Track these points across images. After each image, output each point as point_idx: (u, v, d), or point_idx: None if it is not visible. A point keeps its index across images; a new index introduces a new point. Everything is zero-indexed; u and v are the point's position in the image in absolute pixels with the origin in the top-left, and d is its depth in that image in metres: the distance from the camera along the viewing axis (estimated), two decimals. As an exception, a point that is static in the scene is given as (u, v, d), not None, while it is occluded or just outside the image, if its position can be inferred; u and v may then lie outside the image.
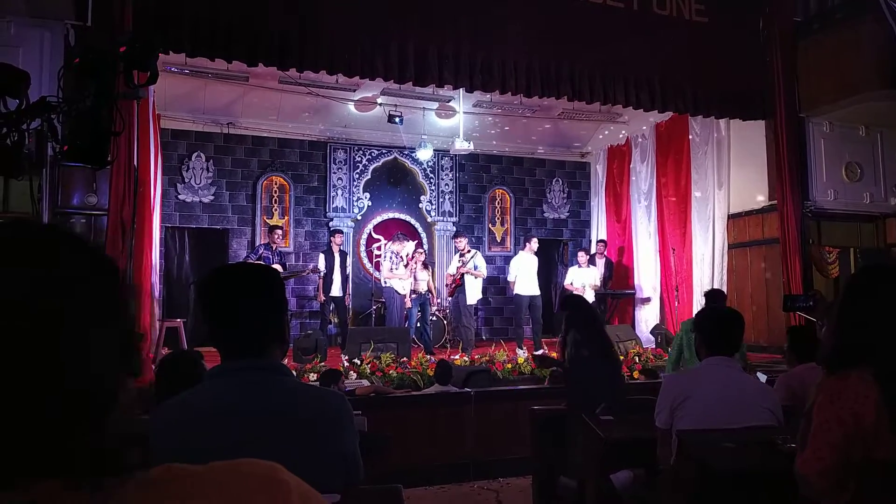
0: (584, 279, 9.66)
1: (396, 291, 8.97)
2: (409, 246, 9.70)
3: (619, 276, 11.23)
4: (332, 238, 9.27)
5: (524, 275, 9.11)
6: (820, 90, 8.14)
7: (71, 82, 3.33)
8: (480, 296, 9.23)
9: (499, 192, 12.19)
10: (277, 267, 8.33)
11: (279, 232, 8.72)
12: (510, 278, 9.42)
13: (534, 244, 9.35)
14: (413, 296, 9.03)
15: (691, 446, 2.51)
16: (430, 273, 9.84)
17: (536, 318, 9.11)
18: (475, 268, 8.86)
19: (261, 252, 8.46)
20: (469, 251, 9.02)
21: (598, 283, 9.81)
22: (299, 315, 10.44)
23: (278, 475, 0.69)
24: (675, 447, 2.68)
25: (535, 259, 9.33)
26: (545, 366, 6.36)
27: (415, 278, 9.17)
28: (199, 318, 1.60)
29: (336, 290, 8.93)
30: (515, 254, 11.71)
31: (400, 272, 9.07)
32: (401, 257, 9.25)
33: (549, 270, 12.05)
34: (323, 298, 8.97)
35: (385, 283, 9.12)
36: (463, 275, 8.85)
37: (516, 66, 7.25)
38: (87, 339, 0.62)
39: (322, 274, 8.91)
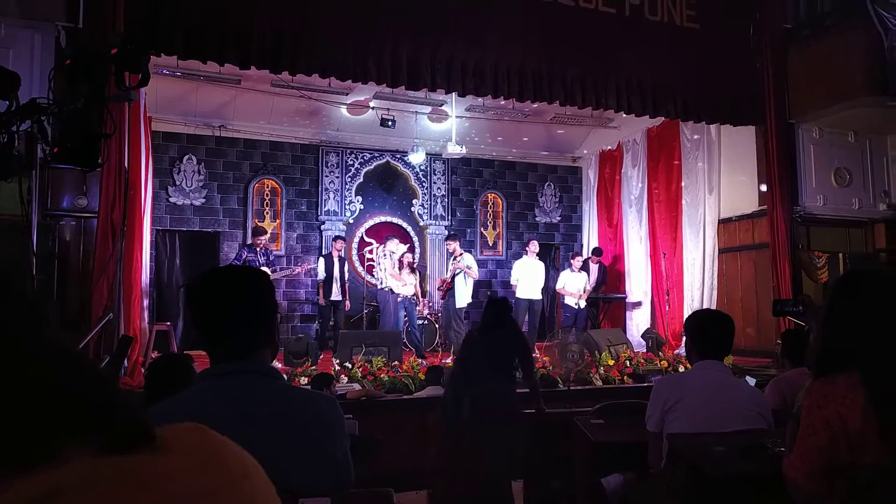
0: (576, 284, 9.65)
1: (391, 292, 8.96)
2: (402, 247, 9.70)
3: (610, 280, 11.25)
4: (333, 243, 9.34)
5: (525, 279, 9.15)
6: (810, 96, 8.20)
7: (61, 84, 3.32)
8: (470, 299, 9.23)
9: (491, 197, 12.21)
10: (265, 269, 8.31)
11: (263, 237, 8.64)
12: (512, 281, 9.45)
13: (532, 247, 9.38)
14: (399, 299, 9.02)
15: (682, 450, 2.52)
16: (419, 277, 9.83)
17: (532, 323, 9.15)
18: (467, 267, 8.89)
19: (244, 256, 8.39)
20: (461, 254, 9.04)
21: (589, 288, 9.78)
22: (290, 319, 10.41)
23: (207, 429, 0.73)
24: (666, 451, 2.68)
25: (540, 264, 9.35)
26: None
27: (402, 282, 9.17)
28: (190, 322, 1.60)
29: (336, 295, 9.02)
30: (507, 258, 11.78)
31: (392, 271, 9.07)
32: (395, 258, 9.25)
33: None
34: (324, 301, 9.04)
35: (382, 284, 9.09)
36: (454, 278, 8.86)
37: (508, 70, 7.27)
38: None
39: (322, 278, 8.99)
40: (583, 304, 9.65)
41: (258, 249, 8.47)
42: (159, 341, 7.55)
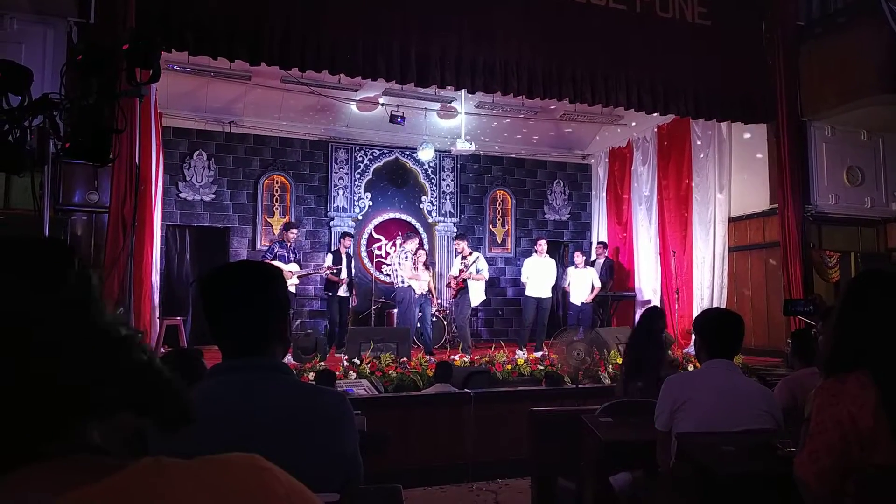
0: (581, 279, 9.65)
1: (411, 290, 8.96)
2: (415, 245, 9.71)
3: (619, 278, 11.22)
4: (341, 240, 9.34)
5: (534, 277, 9.16)
6: (822, 94, 8.14)
7: (73, 79, 3.33)
8: (483, 297, 9.23)
9: (500, 194, 12.19)
10: (294, 265, 8.35)
11: (295, 231, 8.76)
12: (522, 279, 9.48)
13: (539, 246, 9.37)
14: (416, 296, 9.03)
15: (691, 449, 2.51)
16: (431, 273, 9.84)
17: (541, 321, 9.15)
18: (477, 271, 8.87)
19: (276, 250, 8.46)
20: (470, 253, 9.03)
21: (597, 286, 9.76)
22: (300, 314, 10.44)
23: (263, 464, 0.70)
24: (675, 450, 2.67)
25: (550, 262, 9.35)
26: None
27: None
28: (200, 317, 1.60)
29: (343, 291, 9.03)
30: (516, 255, 11.78)
31: (410, 272, 9.06)
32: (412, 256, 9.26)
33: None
34: (346, 280, 9.05)
35: (403, 282, 9.07)
36: (465, 280, 8.87)
37: (518, 67, 7.25)
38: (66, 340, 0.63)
39: (337, 273, 8.97)
40: (588, 299, 9.60)
41: (289, 245, 8.52)
42: (169, 336, 7.59)
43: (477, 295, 8.92)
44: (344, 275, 9.00)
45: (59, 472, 0.60)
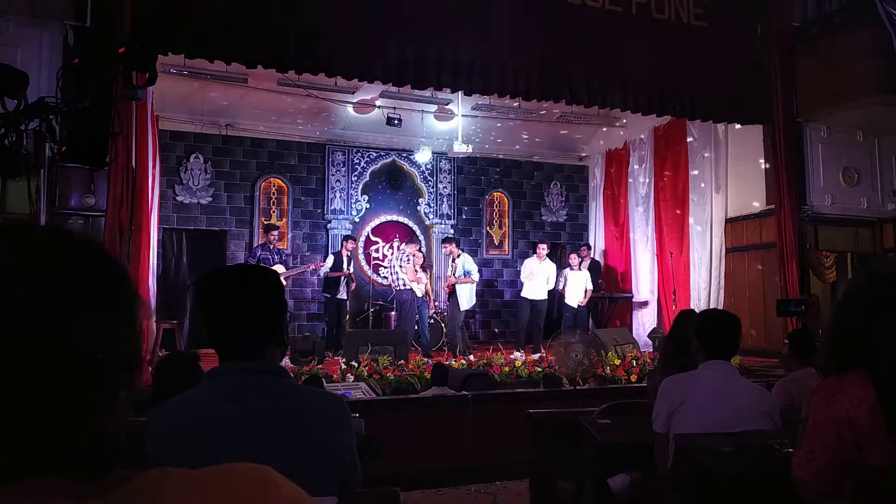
0: (577, 281, 9.65)
1: (413, 293, 8.94)
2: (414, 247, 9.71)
3: (615, 279, 11.23)
4: (343, 243, 9.35)
5: (531, 279, 9.18)
6: (818, 95, 8.16)
7: (70, 83, 3.32)
8: (475, 300, 9.20)
9: (497, 196, 12.20)
10: (279, 267, 8.34)
11: (275, 233, 8.75)
12: (521, 279, 9.51)
13: (540, 249, 9.38)
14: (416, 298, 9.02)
15: (688, 450, 2.51)
16: (428, 276, 9.83)
17: (537, 323, 9.16)
18: (465, 273, 8.82)
19: (259, 254, 8.43)
20: (459, 255, 9.00)
21: (591, 287, 9.75)
22: (297, 317, 10.42)
23: (269, 477, 0.69)
24: (673, 451, 2.68)
25: (550, 265, 9.36)
26: None
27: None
28: (197, 320, 1.60)
29: (342, 294, 9.06)
30: (513, 257, 11.80)
31: (413, 274, 9.05)
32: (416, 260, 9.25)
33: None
34: (350, 271, 9.14)
35: (404, 284, 9.05)
36: (454, 285, 8.86)
37: (515, 69, 7.25)
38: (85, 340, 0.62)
39: (338, 268, 9.00)
40: (576, 303, 9.61)
41: (271, 247, 8.52)
42: (166, 339, 7.57)
43: (466, 298, 8.88)
44: (345, 266, 9.02)
45: (62, 483, 0.59)
